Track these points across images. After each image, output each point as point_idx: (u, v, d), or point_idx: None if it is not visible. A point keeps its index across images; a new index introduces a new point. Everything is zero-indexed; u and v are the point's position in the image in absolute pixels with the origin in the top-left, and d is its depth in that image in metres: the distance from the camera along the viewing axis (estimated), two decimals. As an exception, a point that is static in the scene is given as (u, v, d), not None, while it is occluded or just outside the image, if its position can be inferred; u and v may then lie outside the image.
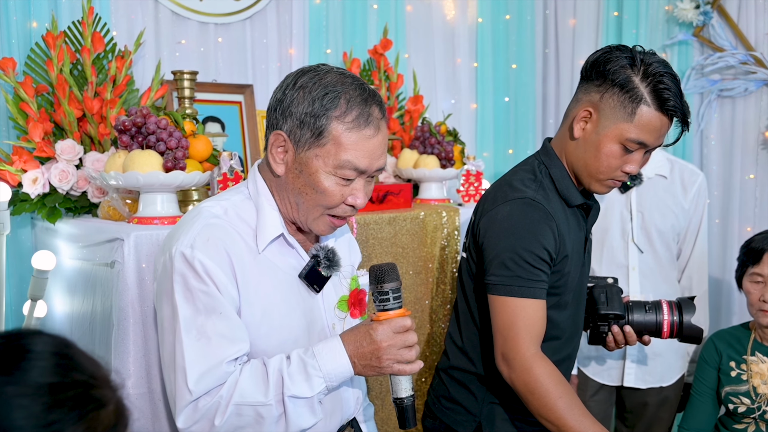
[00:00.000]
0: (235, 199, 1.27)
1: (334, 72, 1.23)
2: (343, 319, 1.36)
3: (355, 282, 1.39)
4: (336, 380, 1.20)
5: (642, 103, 1.42)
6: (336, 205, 1.24)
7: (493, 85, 3.03)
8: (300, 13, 2.50)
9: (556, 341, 1.59)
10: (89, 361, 0.73)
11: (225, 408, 1.15)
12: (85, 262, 1.66)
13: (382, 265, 1.23)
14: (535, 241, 1.45)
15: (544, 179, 1.56)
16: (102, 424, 0.68)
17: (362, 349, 1.19)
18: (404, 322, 1.21)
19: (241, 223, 1.24)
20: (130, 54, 2.01)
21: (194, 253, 1.16)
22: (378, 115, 1.23)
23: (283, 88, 1.24)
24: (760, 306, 2.00)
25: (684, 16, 2.80)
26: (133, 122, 1.64)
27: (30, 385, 0.66)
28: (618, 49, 1.47)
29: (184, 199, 1.87)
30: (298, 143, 1.21)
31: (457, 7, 2.93)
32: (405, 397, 1.23)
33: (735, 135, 2.84)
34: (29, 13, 1.98)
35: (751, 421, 2.02)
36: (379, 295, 1.22)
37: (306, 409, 1.18)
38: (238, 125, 2.28)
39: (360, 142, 1.20)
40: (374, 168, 1.24)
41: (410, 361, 1.21)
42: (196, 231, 1.19)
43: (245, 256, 1.22)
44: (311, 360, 1.18)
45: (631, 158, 1.47)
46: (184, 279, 1.17)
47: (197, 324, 1.16)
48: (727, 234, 2.86)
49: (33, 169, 1.80)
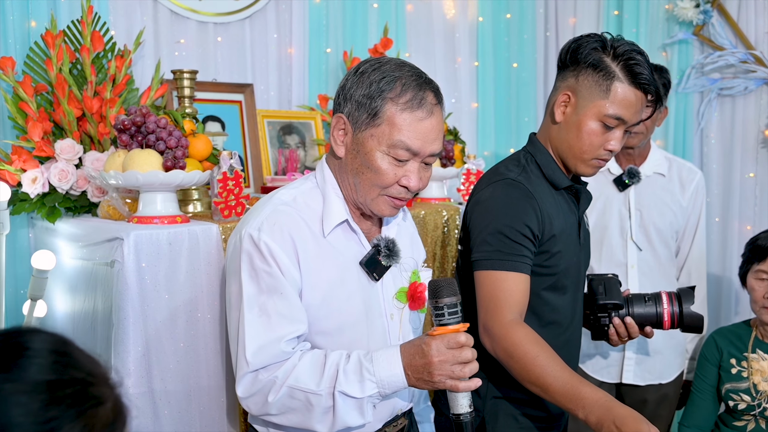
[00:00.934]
0: (304, 187, 1.35)
1: (394, 61, 1.30)
2: (401, 310, 1.39)
3: (415, 275, 1.41)
4: (389, 388, 1.22)
5: (615, 79, 1.49)
6: (390, 185, 1.28)
7: (494, 84, 3.03)
8: (300, 12, 2.50)
9: (556, 327, 1.60)
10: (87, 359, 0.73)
11: (279, 387, 1.20)
12: (85, 261, 1.66)
13: (439, 280, 1.24)
14: (515, 218, 1.50)
15: (529, 165, 1.61)
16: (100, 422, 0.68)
17: (415, 362, 1.21)
18: (459, 338, 1.20)
19: (307, 209, 1.30)
20: (129, 53, 2.00)
21: (261, 235, 1.23)
22: (433, 100, 1.28)
23: (347, 76, 1.31)
24: (764, 303, 2.00)
25: (684, 15, 2.80)
26: (132, 121, 1.64)
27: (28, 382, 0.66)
28: (588, 36, 1.55)
29: (184, 199, 1.87)
30: (356, 124, 1.28)
31: (458, 6, 2.93)
32: (462, 414, 1.23)
33: (735, 133, 2.84)
34: (27, 13, 1.98)
35: (751, 418, 2.02)
36: (435, 310, 1.23)
37: (355, 408, 1.21)
38: (238, 124, 2.28)
39: (413, 123, 1.25)
40: (427, 151, 1.28)
41: (463, 377, 1.21)
42: (264, 215, 1.26)
43: (309, 242, 1.28)
44: (368, 364, 1.21)
45: (612, 135, 1.52)
46: (251, 259, 1.24)
47: (259, 302, 1.23)
48: (727, 232, 2.86)
49: (32, 169, 1.80)
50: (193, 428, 1.58)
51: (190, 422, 1.58)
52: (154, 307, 1.52)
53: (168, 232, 1.56)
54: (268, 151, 2.30)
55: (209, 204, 1.90)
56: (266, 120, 2.34)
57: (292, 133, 2.40)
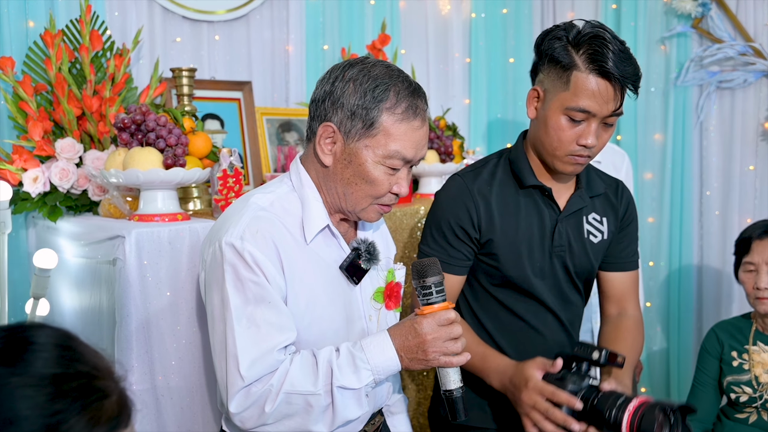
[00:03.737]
0: (280, 191, 1.30)
1: (380, 65, 1.27)
2: (379, 310, 1.38)
3: (391, 275, 1.41)
4: (383, 373, 1.22)
5: (574, 69, 1.43)
6: (384, 194, 1.28)
7: (488, 80, 3.03)
8: (297, 10, 2.50)
9: (530, 334, 1.59)
10: (91, 353, 0.73)
11: (275, 396, 1.18)
12: (87, 259, 1.66)
13: (424, 261, 1.25)
14: (444, 215, 1.56)
15: (501, 161, 1.62)
16: (105, 415, 0.68)
17: (408, 342, 1.21)
18: (448, 314, 1.22)
19: (286, 215, 1.27)
20: (128, 52, 2.01)
21: (244, 244, 1.19)
22: (423, 107, 1.28)
23: (331, 81, 1.26)
24: (755, 294, 2.00)
25: (682, 8, 2.80)
26: (132, 120, 1.64)
27: (34, 375, 0.67)
28: (557, 27, 1.50)
29: (185, 196, 1.87)
30: (348, 134, 1.24)
31: (452, 2, 2.93)
32: (454, 389, 1.24)
33: (734, 126, 2.83)
34: (25, 13, 1.98)
35: (753, 410, 2.03)
36: (422, 290, 1.24)
37: (353, 400, 1.21)
38: (237, 122, 2.28)
39: (409, 132, 1.25)
40: (418, 158, 1.29)
41: (456, 352, 1.22)
42: (245, 223, 1.22)
43: (292, 248, 1.25)
44: (359, 353, 1.21)
45: (584, 129, 1.46)
46: (235, 269, 1.20)
47: (247, 312, 1.20)
48: (726, 225, 2.85)
49: (33, 168, 1.80)
50: (196, 424, 1.59)
51: (192, 418, 1.58)
52: (156, 304, 1.53)
53: (169, 229, 1.56)
54: (267, 148, 2.30)
55: (209, 201, 1.91)
56: (265, 117, 2.34)
57: (291, 130, 2.40)
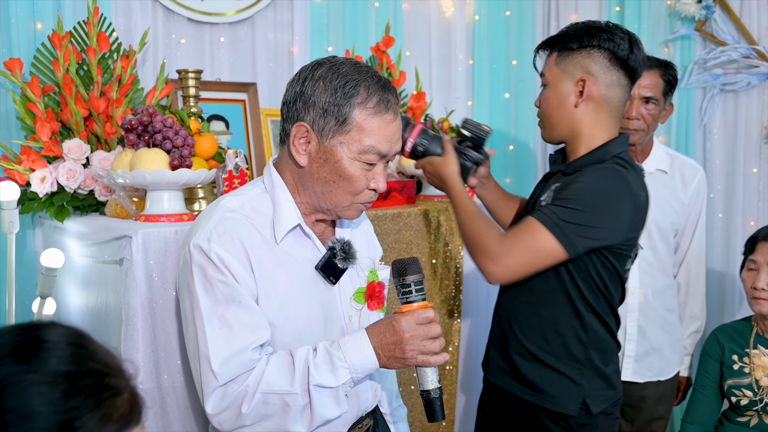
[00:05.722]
0: (251, 193, 1.30)
1: (348, 62, 1.27)
2: (360, 311, 1.37)
3: (373, 274, 1.40)
4: (361, 372, 1.21)
5: None
6: (362, 191, 1.28)
7: (493, 82, 3.04)
8: (301, 12, 2.52)
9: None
10: (103, 351, 0.74)
11: (252, 396, 1.17)
12: (94, 259, 1.68)
13: (404, 259, 1.25)
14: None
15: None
16: (118, 411, 0.70)
17: (386, 340, 1.21)
18: (427, 313, 1.22)
19: (257, 216, 1.27)
20: (135, 53, 2.02)
21: (211, 245, 1.19)
22: (394, 100, 1.27)
23: (301, 81, 1.26)
24: (753, 294, 2.00)
25: (686, 11, 2.80)
26: (139, 121, 1.65)
27: (48, 373, 0.68)
28: None
29: (191, 197, 1.88)
30: (322, 132, 1.24)
31: (456, 4, 2.94)
32: (432, 389, 1.23)
33: (738, 129, 2.84)
34: (33, 15, 2.00)
35: (754, 414, 2.03)
36: (401, 288, 1.24)
37: (331, 399, 1.20)
38: (242, 123, 2.30)
39: (382, 126, 1.24)
40: (393, 152, 1.29)
41: (435, 352, 1.22)
42: (212, 225, 1.22)
43: (262, 248, 1.24)
44: (337, 351, 1.20)
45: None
46: (203, 270, 1.20)
47: (218, 313, 1.19)
48: (730, 228, 2.86)
49: (41, 168, 1.82)
50: (201, 423, 1.60)
51: (197, 417, 1.60)
52: (162, 304, 1.54)
53: (175, 229, 1.58)
54: (272, 150, 2.32)
55: (215, 202, 1.92)
56: (269, 118, 2.35)
57: (296, 131, 2.41)
